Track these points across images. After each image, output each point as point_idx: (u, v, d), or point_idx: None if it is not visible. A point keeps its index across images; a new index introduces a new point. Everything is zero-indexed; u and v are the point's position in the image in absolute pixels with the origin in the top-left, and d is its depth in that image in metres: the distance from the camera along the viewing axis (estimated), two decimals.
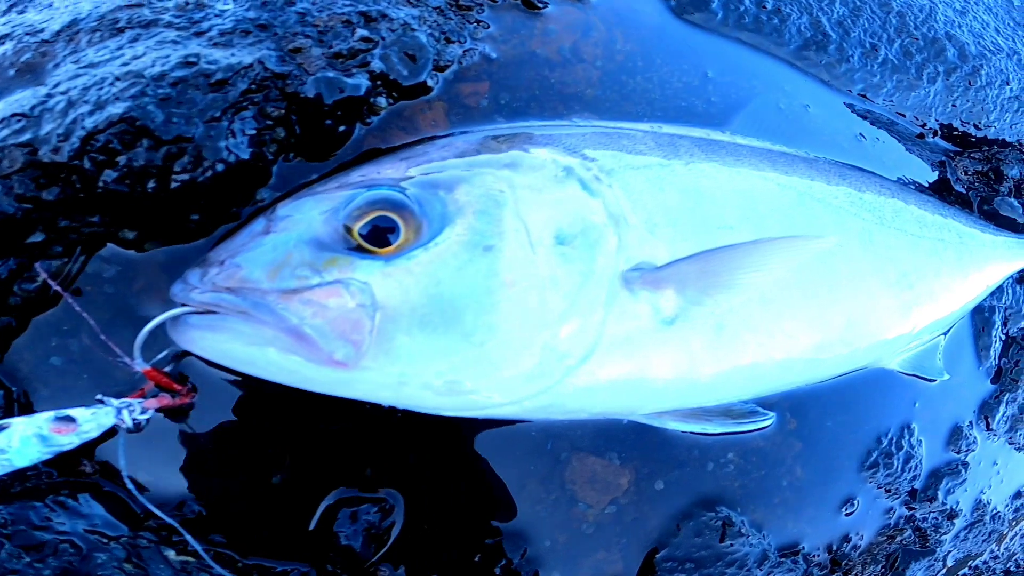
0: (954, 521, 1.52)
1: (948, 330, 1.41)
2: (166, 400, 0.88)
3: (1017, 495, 1.67)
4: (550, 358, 0.84)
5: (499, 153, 0.92)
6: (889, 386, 1.36)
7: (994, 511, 1.62)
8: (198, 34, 0.83)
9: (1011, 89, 1.50)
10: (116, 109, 0.76)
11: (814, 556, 1.31)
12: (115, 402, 0.86)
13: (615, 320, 0.89)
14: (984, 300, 1.52)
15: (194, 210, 0.85)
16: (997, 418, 1.52)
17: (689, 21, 1.39)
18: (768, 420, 1.17)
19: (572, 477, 1.13)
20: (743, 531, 1.19)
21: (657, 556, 1.17)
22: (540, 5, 1.23)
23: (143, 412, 0.87)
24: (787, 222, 1.06)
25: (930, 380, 1.39)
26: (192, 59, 0.78)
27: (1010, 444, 1.61)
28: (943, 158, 1.58)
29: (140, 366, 0.83)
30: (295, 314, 0.77)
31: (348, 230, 0.82)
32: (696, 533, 1.15)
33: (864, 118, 1.49)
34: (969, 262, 1.29)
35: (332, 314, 0.77)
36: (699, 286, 0.92)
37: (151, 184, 0.79)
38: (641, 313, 0.90)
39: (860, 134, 1.45)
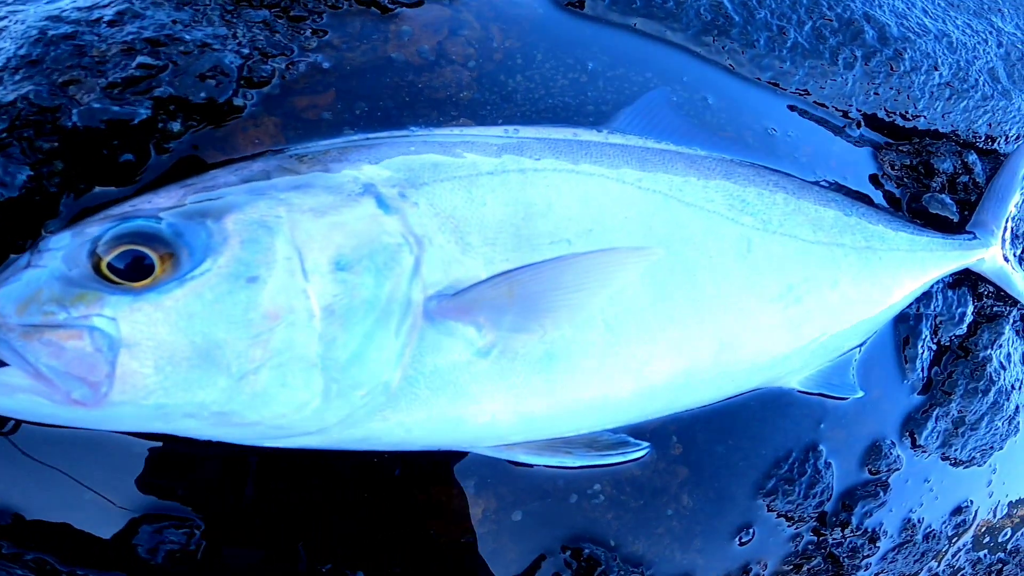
0: (877, 544, 1.41)
1: (863, 343, 1.29)
2: None
3: (956, 511, 1.55)
4: (335, 391, 0.78)
5: (294, 175, 0.85)
6: (790, 406, 1.25)
7: (928, 530, 1.51)
8: None
9: (941, 75, 1.36)
10: None
11: None
12: None
13: (420, 351, 0.81)
14: (910, 307, 1.40)
15: None
16: (925, 434, 1.40)
17: (575, 10, 1.27)
18: (639, 452, 1.07)
19: (423, 507, 1.05)
20: (613, 569, 1.10)
21: None
22: (391, 7, 1.13)
23: None
24: (641, 232, 0.95)
25: (841, 398, 1.27)
26: None
27: (944, 460, 1.49)
28: (871, 151, 1.44)
29: None
30: (33, 353, 0.72)
31: (97, 264, 0.75)
32: (555, 571, 1.06)
33: (776, 110, 1.36)
34: (877, 269, 1.16)
35: (68, 355, 0.72)
36: (514, 312, 0.83)
37: None
38: (449, 344, 0.83)
39: (771, 128, 1.32)
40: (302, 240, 0.78)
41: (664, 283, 0.95)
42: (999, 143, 1.47)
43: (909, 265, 1.20)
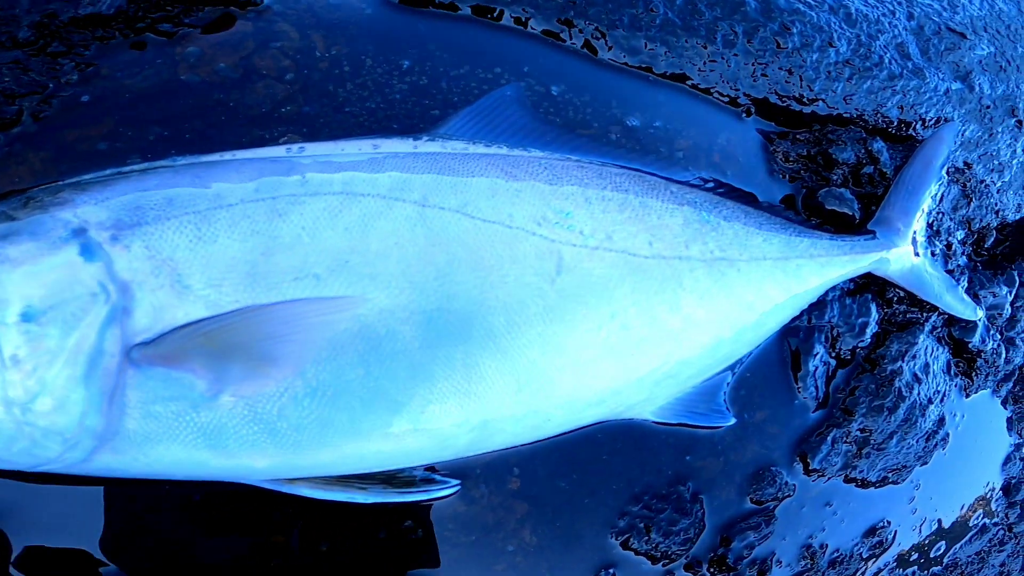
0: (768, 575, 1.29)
1: (735, 365, 1.15)
2: None
3: (870, 532, 1.42)
4: (35, 435, 0.76)
5: (10, 222, 0.80)
6: (646, 438, 1.12)
7: (835, 555, 1.37)
8: None
9: (838, 52, 1.18)
10: None
11: None
12: None
13: (136, 397, 0.77)
14: (799, 319, 1.24)
15: None
16: (820, 457, 1.26)
17: (409, 7, 1.11)
18: (446, 491, 0.95)
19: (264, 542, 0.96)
20: None
21: None
22: (174, 30, 1.03)
23: None
24: (415, 260, 0.82)
25: (710, 428, 1.13)
26: None
27: (849, 482, 1.35)
28: (762, 142, 1.27)
29: None
30: None
31: None
32: None
33: (646, 99, 1.20)
34: (734, 283, 1.00)
35: None
36: (237, 359, 0.76)
37: None
38: (166, 390, 0.77)
39: (637, 122, 1.16)
40: None
41: (439, 320, 0.82)
42: (915, 128, 1.29)
43: (780, 276, 1.04)
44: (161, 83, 1.03)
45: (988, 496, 1.73)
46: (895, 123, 1.28)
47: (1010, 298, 1.56)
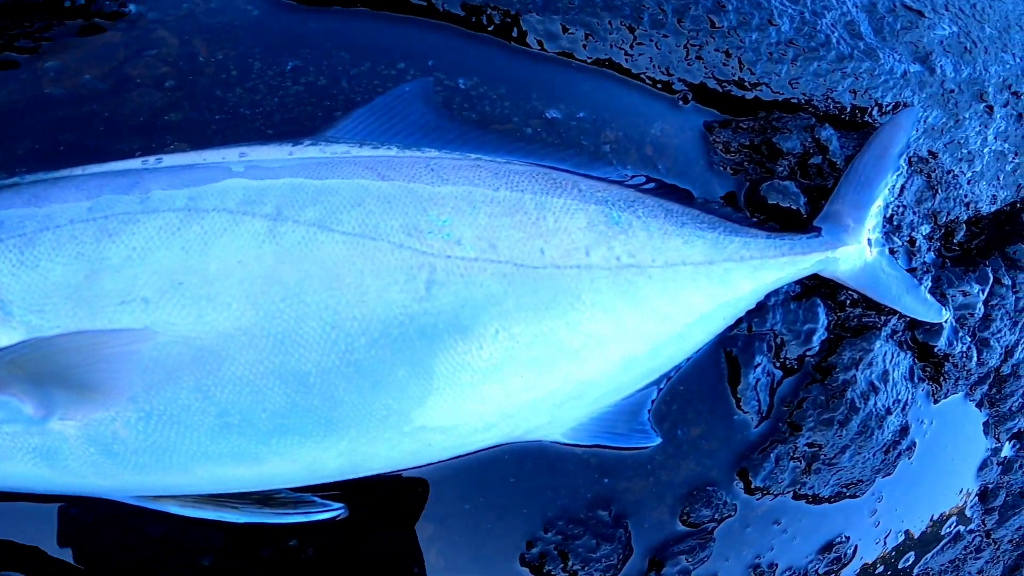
0: None
1: (662, 379, 1.04)
2: None
3: (826, 548, 1.32)
4: None
5: None
6: (561, 461, 1.02)
7: (786, 573, 1.28)
8: None
9: (779, 31, 1.06)
10: None
11: None
12: None
13: None
14: (738, 327, 1.13)
15: None
16: (763, 475, 1.16)
17: (303, 4, 1.01)
18: (327, 514, 0.87)
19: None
20: None
21: None
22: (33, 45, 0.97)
23: None
24: (260, 280, 0.73)
25: (635, 448, 1.04)
26: None
27: (799, 499, 1.25)
28: (701, 132, 1.16)
29: None
30: None
31: None
32: None
33: (568, 89, 1.09)
34: (645, 293, 0.89)
35: None
36: (55, 385, 0.70)
37: None
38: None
39: (550, 116, 1.05)
40: None
41: (288, 344, 0.74)
42: (871, 114, 1.18)
43: (703, 282, 0.94)
44: (26, 98, 0.96)
45: (963, 503, 1.63)
46: (848, 109, 1.16)
47: (982, 297, 1.44)
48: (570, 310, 0.83)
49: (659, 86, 1.11)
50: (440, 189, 0.83)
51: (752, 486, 1.17)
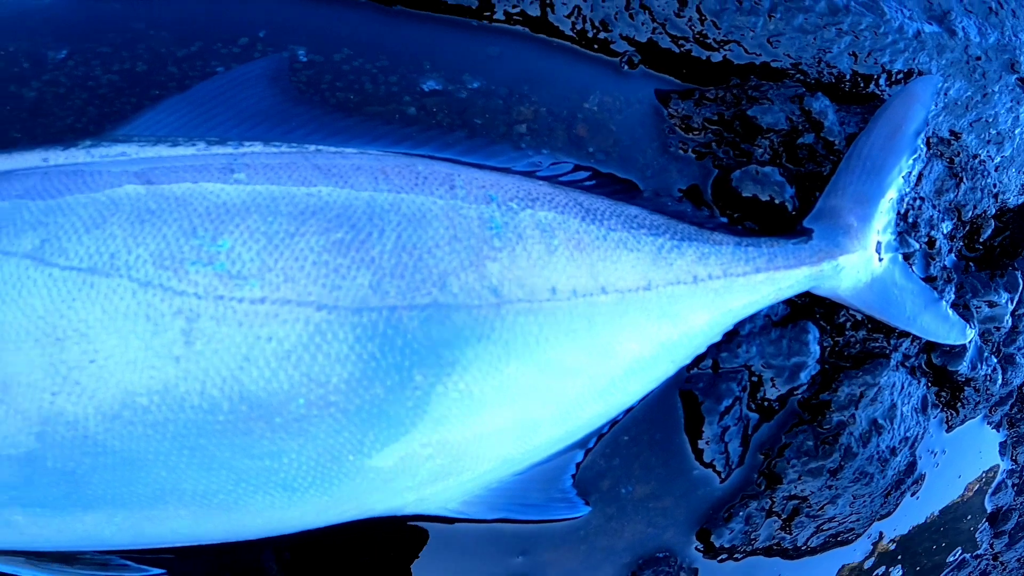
0: None
1: (588, 439, 0.67)
2: None
3: None
4: None
5: None
6: (465, 536, 0.67)
7: None
8: None
9: None
10: None
11: None
12: None
13: None
14: (695, 366, 0.75)
15: None
16: (730, 535, 0.79)
17: None
18: None
19: None
20: None
21: None
22: None
23: None
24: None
25: (554, 521, 0.68)
26: None
27: (775, 554, 0.87)
28: (654, 104, 0.77)
29: None
30: None
31: None
32: None
33: (477, 53, 0.71)
34: (544, 337, 0.51)
35: None
36: None
37: None
38: None
39: (427, 89, 0.67)
40: None
41: (12, 413, 0.41)
42: (879, 83, 0.76)
43: (630, 317, 0.55)
44: None
45: (971, 529, 1.23)
46: (847, 76, 0.75)
47: (1011, 307, 1.01)
48: (415, 364, 0.46)
49: (596, 47, 0.73)
50: (227, 195, 0.46)
51: (717, 547, 0.81)
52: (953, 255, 0.97)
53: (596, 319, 0.53)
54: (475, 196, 0.52)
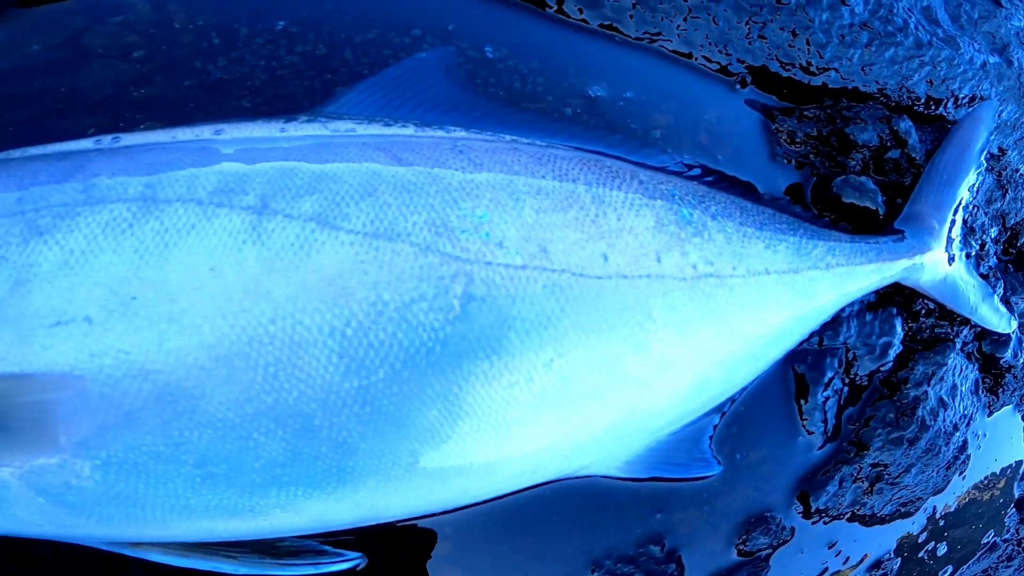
0: None
1: (723, 406, 0.80)
2: None
3: (875, 566, 1.06)
4: None
5: None
6: (610, 496, 0.77)
7: None
8: None
9: (853, 12, 0.79)
10: None
11: None
12: None
13: None
14: (808, 341, 0.88)
15: None
16: (825, 498, 0.91)
17: None
18: (341, 566, 0.62)
19: None
20: None
21: None
22: None
23: None
24: (239, 295, 0.48)
25: (693, 479, 0.79)
26: None
27: (854, 520, 0.99)
28: (761, 119, 0.90)
29: None
30: None
31: None
32: None
33: (614, 67, 0.83)
34: (727, 306, 0.63)
35: None
36: None
37: None
38: None
39: (593, 95, 0.80)
40: None
41: (278, 376, 0.48)
42: (946, 107, 0.91)
43: (786, 294, 0.67)
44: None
45: (1002, 513, 1.36)
46: (923, 99, 0.90)
47: None
48: (639, 330, 0.57)
49: (714, 66, 0.86)
50: (473, 176, 0.56)
51: (812, 510, 0.92)
52: (995, 257, 1.12)
53: (761, 295, 0.64)
54: (660, 191, 0.64)
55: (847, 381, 0.89)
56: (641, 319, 0.57)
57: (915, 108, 0.91)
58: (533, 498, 0.74)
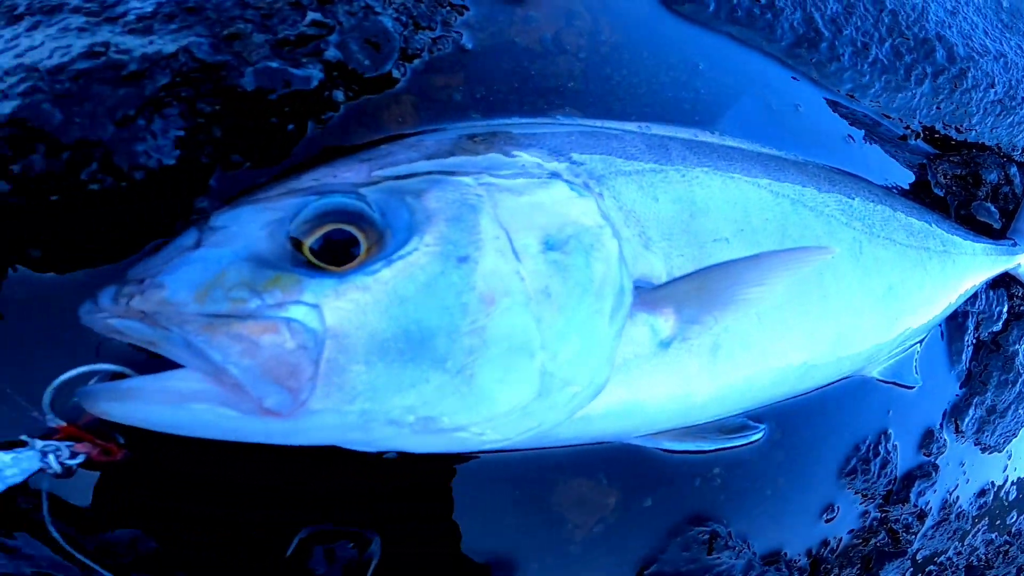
0: (924, 521, 1.37)
1: (924, 338, 1.25)
2: (97, 451, 0.68)
3: (981, 493, 1.52)
4: (551, 386, 0.64)
5: (475, 155, 0.71)
6: (865, 394, 1.19)
7: (959, 510, 1.47)
8: (111, 20, 0.60)
9: (995, 92, 1.31)
10: (3, 109, 0.55)
11: (795, 562, 1.15)
12: (39, 444, 0.65)
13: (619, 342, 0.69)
14: (960, 306, 1.37)
15: (115, 224, 0.65)
16: (966, 420, 1.37)
17: (679, 12, 1.17)
18: (758, 434, 1.00)
19: (559, 500, 0.95)
20: (729, 543, 1.03)
21: (646, 573, 1.01)
22: None
23: (73, 457, 0.67)
24: (781, 234, 0.86)
25: (907, 387, 1.23)
26: (99, 48, 0.57)
27: (976, 445, 1.46)
28: (923, 161, 1.40)
29: (54, 422, 0.61)
30: (219, 350, 0.55)
31: (297, 244, 0.60)
32: (684, 547, 0.98)
33: (850, 119, 1.30)
34: (951, 271, 1.11)
35: (265, 353, 0.56)
36: (697, 305, 0.73)
37: (54, 196, 0.59)
38: (638, 336, 0.72)
39: (848, 136, 1.26)
40: (506, 219, 0.64)
41: (798, 281, 0.87)
42: None
43: (971, 268, 1.16)
44: (499, 42, 0.94)
45: None
46: (1020, 150, 1.43)
47: None
48: (921, 277, 1.06)
49: (901, 122, 1.34)
50: (842, 187, 1.01)
51: (959, 429, 1.38)
52: None
53: (963, 267, 1.14)
54: (904, 206, 1.12)
55: (976, 337, 1.37)
56: (923, 270, 1.05)
57: (1014, 156, 1.44)
58: (828, 395, 1.14)
